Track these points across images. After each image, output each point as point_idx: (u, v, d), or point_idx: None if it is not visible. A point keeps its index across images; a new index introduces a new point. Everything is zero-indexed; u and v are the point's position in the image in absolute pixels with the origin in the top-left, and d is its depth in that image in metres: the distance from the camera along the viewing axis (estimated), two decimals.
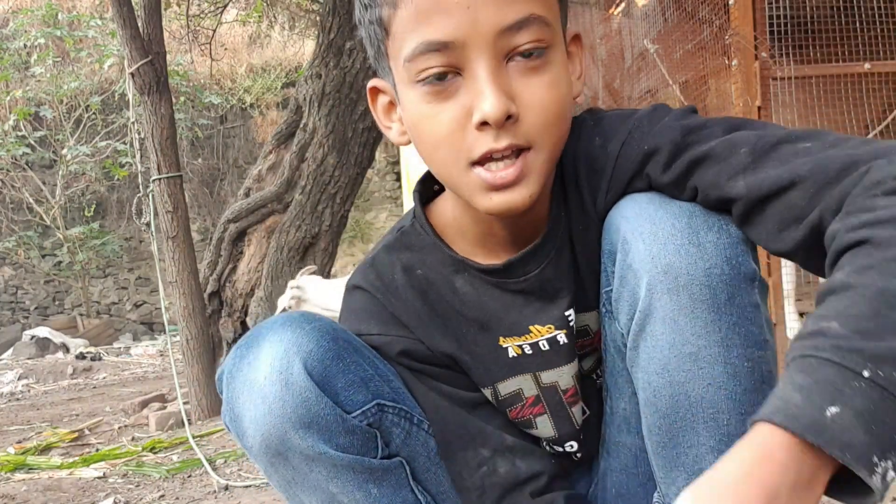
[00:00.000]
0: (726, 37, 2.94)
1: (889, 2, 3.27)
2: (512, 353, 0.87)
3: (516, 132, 0.71)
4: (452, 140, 0.72)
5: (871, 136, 3.30)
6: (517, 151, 0.72)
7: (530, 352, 0.87)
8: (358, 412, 0.79)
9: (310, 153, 3.70)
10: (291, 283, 2.77)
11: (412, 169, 8.60)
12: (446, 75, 0.71)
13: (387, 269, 0.89)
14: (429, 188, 0.92)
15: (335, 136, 3.67)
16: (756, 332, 0.72)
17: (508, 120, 0.70)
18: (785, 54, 2.99)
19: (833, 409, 0.50)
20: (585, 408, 0.92)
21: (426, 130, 0.74)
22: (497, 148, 0.71)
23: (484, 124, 0.70)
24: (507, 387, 0.89)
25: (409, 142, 0.80)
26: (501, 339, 0.87)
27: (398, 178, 9.79)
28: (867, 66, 3.06)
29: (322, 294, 2.65)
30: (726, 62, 3.03)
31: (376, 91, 0.82)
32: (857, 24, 3.30)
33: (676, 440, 0.74)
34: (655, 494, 0.85)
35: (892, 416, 0.49)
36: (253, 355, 0.77)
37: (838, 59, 3.27)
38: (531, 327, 0.86)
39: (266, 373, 0.75)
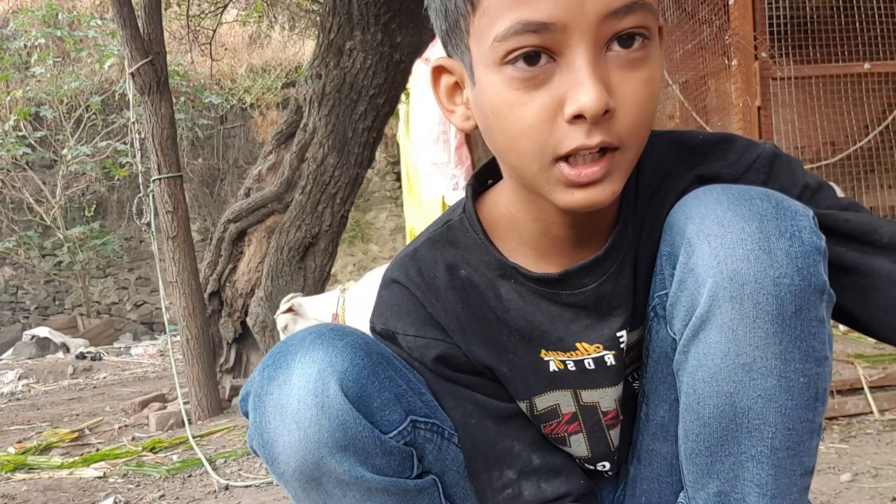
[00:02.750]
0: (726, 37, 2.94)
1: (889, 2, 3.27)
2: (553, 367, 0.83)
3: (610, 129, 0.65)
4: (538, 132, 0.66)
5: (871, 136, 3.30)
6: (604, 150, 0.67)
7: (573, 368, 0.82)
8: (394, 432, 0.76)
9: (310, 153, 3.70)
10: (284, 302, 2.77)
11: (412, 169, 8.60)
12: (539, 58, 0.64)
13: (429, 265, 0.83)
14: (482, 182, 0.86)
15: (335, 136, 3.67)
16: (818, 347, 0.68)
17: (605, 115, 0.64)
18: (785, 54, 2.99)
19: None
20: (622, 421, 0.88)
21: (509, 119, 0.67)
22: (589, 145, 0.65)
23: (578, 117, 0.64)
24: (544, 401, 0.84)
25: (475, 127, 0.74)
26: (544, 351, 0.82)
27: (398, 178, 9.78)
28: (867, 66, 3.06)
29: (318, 309, 2.66)
30: (726, 62, 3.03)
31: (441, 71, 0.76)
32: (857, 24, 3.30)
33: (714, 448, 0.71)
34: (681, 495, 0.81)
35: None
36: (283, 377, 0.73)
37: (838, 59, 3.27)
38: (578, 344, 0.81)
39: (300, 396, 0.72)
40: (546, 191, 0.70)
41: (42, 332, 7.49)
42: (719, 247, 0.67)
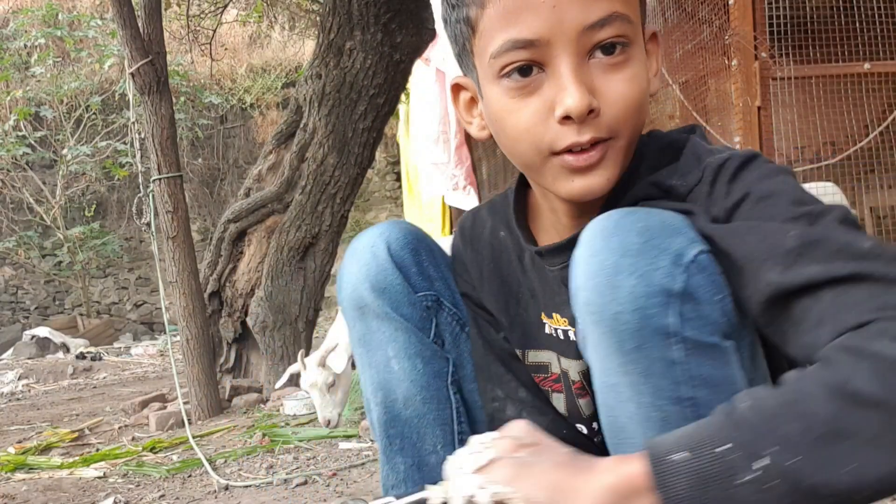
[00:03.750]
0: (726, 37, 2.94)
1: (889, 2, 3.27)
2: (548, 329, 0.94)
3: (598, 125, 0.74)
4: (535, 133, 0.75)
5: (871, 136, 3.30)
6: (597, 143, 0.75)
7: (558, 335, 0.93)
8: (421, 293, 0.97)
9: (310, 153, 3.70)
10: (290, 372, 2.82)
11: (412, 169, 8.60)
12: (531, 70, 0.74)
13: (480, 222, 1.02)
14: None
15: (335, 136, 3.67)
16: (669, 387, 0.69)
17: (590, 114, 0.73)
18: (785, 54, 2.99)
19: (684, 455, 0.57)
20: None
21: (509, 123, 0.77)
22: (580, 141, 0.74)
23: (566, 118, 0.73)
24: (537, 356, 0.97)
25: (490, 136, 0.84)
26: (543, 314, 0.94)
27: (398, 178, 9.78)
28: (867, 66, 3.06)
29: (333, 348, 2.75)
30: (726, 62, 3.03)
31: (458, 88, 0.88)
32: (857, 24, 3.30)
33: (615, 452, 0.77)
34: None
35: (713, 489, 0.55)
36: (362, 235, 0.99)
37: (838, 59, 3.27)
38: (554, 314, 0.92)
39: (363, 245, 0.97)
40: (549, 182, 0.79)
41: (42, 332, 7.49)
42: (583, 275, 0.70)
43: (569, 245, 0.82)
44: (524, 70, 0.74)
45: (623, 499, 0.59)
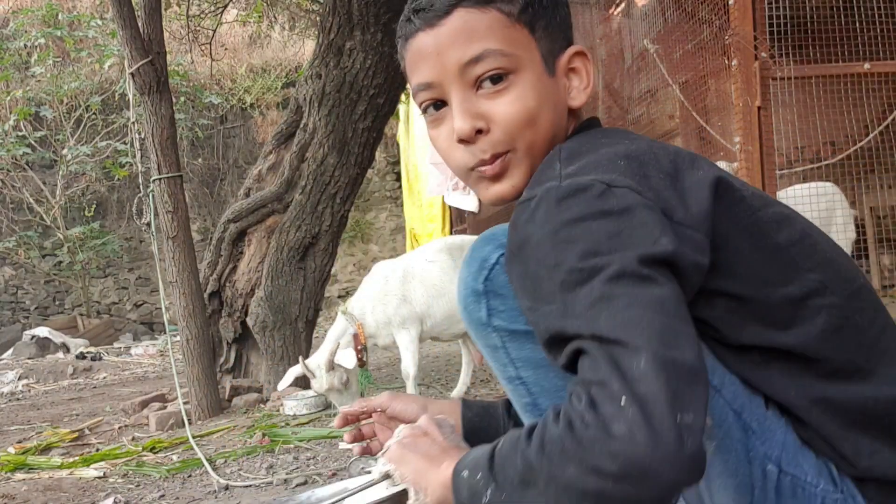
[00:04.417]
0: (726, 37, 2.94)
1: (889, 2, 3.27)
2: None
3: (491, 142, 0.87)
4: (450, 153, 0.92)
5: (871, 136, 3.30)
6: (497, 157, 0.88)
7: None
8: None
9: (310, 153, 3.70)
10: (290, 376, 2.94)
11: (412, 169, 8.60)
12: (442, 104, 0.90)
13: None
14: None
15: (335, 136, 3.67)
16: (500, 368, 0.89)
17: (479, 134, 0.87)
18: (785, 54, 2.99)
19: (465, 473, 0.76)
20: None
21: (437, 147, 0.94)
22: (484, 158, 0.88)
23: (461, 140, 0.88)
24: None
25: None
26: None
27: (398, 178, 9.78)
28: (867, 66, 3.06)
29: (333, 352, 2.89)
30: (726, 62, 3.03)
31: None
32: (857, 24, 3.30)
33: None
34: None
35: (477, 487, 0.72)
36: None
37: (838, 59, 3.27)
38: None
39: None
40: (476, 190, 0.94)
41: (42, 332, 7.49)
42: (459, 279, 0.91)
43: None
44: (437, 105, 0.90)
45: (445, 491, 0.77)
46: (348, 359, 2.78)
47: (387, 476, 0.83)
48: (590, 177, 0.74)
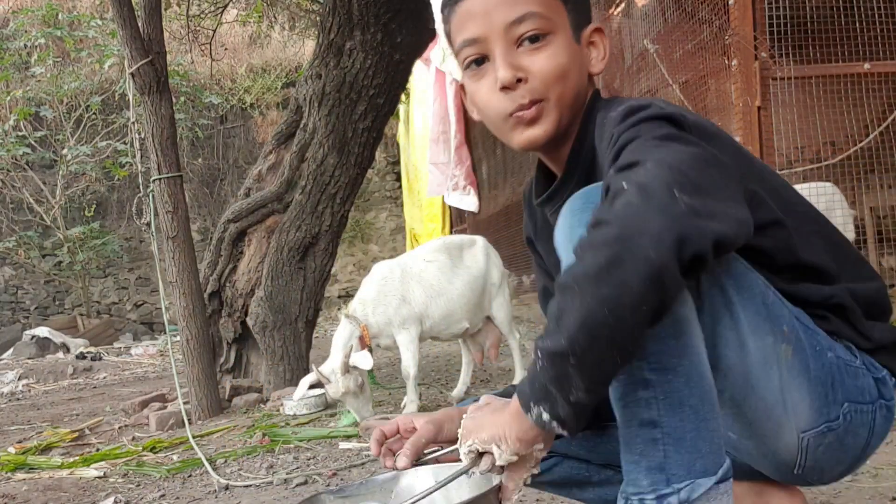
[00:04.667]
0: (726, 37, 2.94)
1: (889, 2, 3.27)
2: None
3: (531, 89, 1.00)
4: (491, 102, 1.03)
5: (871, 136, 3.30)
6: (535, 103, 1.01)
7: None
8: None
9: (310, 153, 3.71)
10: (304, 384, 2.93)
11: (412, 169, 8.60)
12: (483, 60, 1.03)
13: (530, 187, 1.21)
14: None
15: (335, 136, 3.67)
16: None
17: (520, 82, 1.00)
18: (785, 54, 2.99)
19: (525, 384, 0.83)
20: None
21: (477, 99, 1.06)
22: (523, 103, 1.01)
23: (504, 88, 1.00)
24: None
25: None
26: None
27: (398, 178, 9.78)
28: (867, 66, 3.06)
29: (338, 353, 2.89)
30: (726, 62, 3.03)
31: (462, 86, 1.12)
32: (857, 24, 3.30)
33: None
34: None
35: (539, 379, 0.79)
36: None
37: (838, 59, 3.27)
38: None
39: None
40: (508, 136, 1.05)
41: (42, 332, 7.49)
42: (559, 233, 0.97)
43: (549, 197, 1.12)
44: (479, 61, 1.03)
45: (519, 419, 0.85)
46: (365, 360, 2.77)
47: (473, 455, 0.90)
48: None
